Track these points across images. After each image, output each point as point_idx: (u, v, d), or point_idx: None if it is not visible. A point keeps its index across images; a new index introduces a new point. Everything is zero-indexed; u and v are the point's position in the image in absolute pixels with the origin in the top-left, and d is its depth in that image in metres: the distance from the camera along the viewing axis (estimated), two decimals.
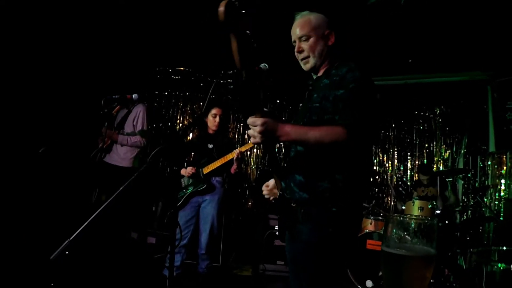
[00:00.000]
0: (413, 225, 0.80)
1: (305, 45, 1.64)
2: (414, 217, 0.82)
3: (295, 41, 1.67)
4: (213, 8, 1.25)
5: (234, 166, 3.58)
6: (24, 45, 3.79)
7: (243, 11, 1.27)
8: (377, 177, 5.65)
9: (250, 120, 1.39)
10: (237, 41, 1.29)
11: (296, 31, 1.65)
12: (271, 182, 1.79)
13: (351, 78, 1.48)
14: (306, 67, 1.68)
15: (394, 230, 0.81)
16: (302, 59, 1.67)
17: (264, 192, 1.80)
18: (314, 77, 1.73)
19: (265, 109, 1.43)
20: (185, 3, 3.94)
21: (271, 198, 1.80)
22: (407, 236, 0.80)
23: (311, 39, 1.63)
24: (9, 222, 3.36)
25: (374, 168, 5.67)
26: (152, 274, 3.72)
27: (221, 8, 1.22)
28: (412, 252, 0.78)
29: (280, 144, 5.18)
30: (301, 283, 1.58)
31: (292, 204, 1.58)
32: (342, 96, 1.47)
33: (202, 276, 3.58)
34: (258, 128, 1.36)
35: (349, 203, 1.51)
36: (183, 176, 3.65)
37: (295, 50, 1.67)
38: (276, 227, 4.28)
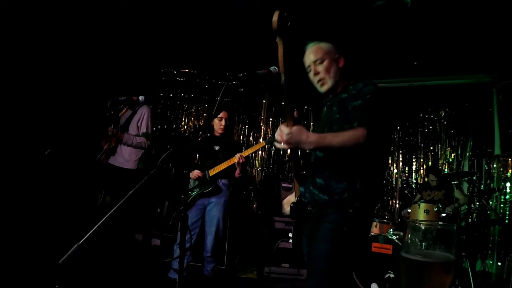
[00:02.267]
0: (432, 232, 0.80)
1: (320, 68, 1.77)
2: (433, 223, 0.82)
3: (309, 66, 1.81)
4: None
5: (237, 171, 3.57)
6: (30, 48, 3.81)
7: (289, 23, 1.47)
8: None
9: (281, 127, 1.52)
10: (283, 48, 1.49)
11: (310, 56, 1.80)
12: (291, 198, 1.88)
13: (367, 91, 1.65)
14: (323, 89, 1.80)
15: (414, 237, 0.81)
16: (318, 81, 1.80)
17: (285, 208, 1.90)
18: (330, 96, 1.87)
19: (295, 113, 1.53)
20: (190, 4, 3.95)
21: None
22: (426, 243, 0.80)
23: (326, 61, 1.78)
24: (13, 223, 3.37)
25: None
26: (158, 277, 3.72)
27: (275, 18, 1.45)
28: (432, 258, 0.78)
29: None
30: (315, 282, 1.66)
31: (308, 208, 1.70)
32: (360, 105, 1.63)
33: (207, 279, 3.57)
34: (285, 137, 1.49)
35: (364, 205, 1.63)
36: (189, 178, 3.64)
37: (312, 73, 1.81)
38: (290, 234, 4.27)
